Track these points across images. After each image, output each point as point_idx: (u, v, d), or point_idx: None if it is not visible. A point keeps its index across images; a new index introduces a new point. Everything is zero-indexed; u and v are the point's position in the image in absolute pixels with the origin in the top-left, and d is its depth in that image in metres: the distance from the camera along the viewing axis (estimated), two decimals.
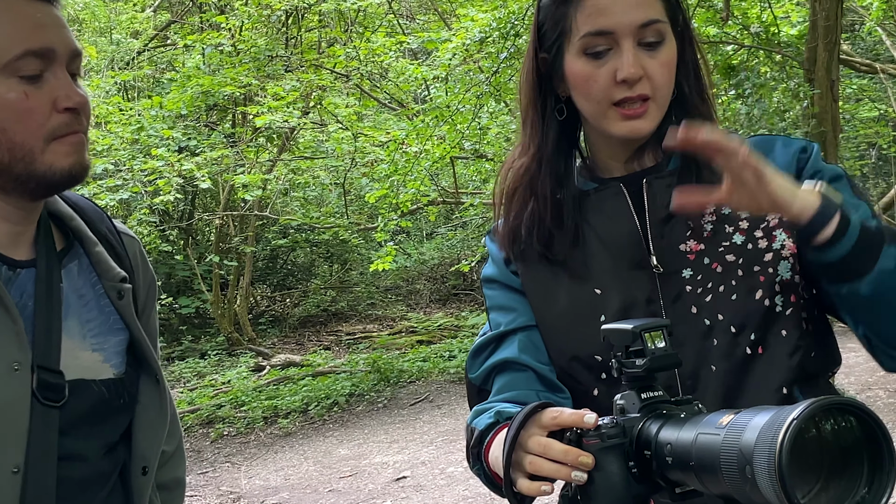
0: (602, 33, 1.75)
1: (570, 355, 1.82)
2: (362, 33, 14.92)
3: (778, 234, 1.76)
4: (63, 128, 1.67)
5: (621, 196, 1.83)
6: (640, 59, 1.73)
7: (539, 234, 1.87)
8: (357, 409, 11.47)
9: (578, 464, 1.43)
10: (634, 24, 1.73)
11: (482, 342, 1.91)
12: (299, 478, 8.93)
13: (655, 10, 1.74)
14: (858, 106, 15.97)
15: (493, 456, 1.67)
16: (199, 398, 12.32)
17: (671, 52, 1.77)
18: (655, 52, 1.75)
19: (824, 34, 9.29)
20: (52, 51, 1.66)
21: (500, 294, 1.94)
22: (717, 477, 1.25)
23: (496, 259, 1.96)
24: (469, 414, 1.85)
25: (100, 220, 1.89)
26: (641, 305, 1.77)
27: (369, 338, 16.50)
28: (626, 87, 1.74)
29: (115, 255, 1.87)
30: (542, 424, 1.48)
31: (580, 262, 1.84)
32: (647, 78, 1.74)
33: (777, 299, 1.73)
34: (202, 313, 17.14)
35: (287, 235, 18.19)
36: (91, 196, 12.00)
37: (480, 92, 10.87)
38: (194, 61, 14.32)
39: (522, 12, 10.32)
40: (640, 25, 1.73)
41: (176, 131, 13.52)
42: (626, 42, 1.73)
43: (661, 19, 1.75)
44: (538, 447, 1.47)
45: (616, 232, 1.82)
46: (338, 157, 14.72)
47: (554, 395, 1.83)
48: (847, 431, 1.22)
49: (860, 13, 14.25)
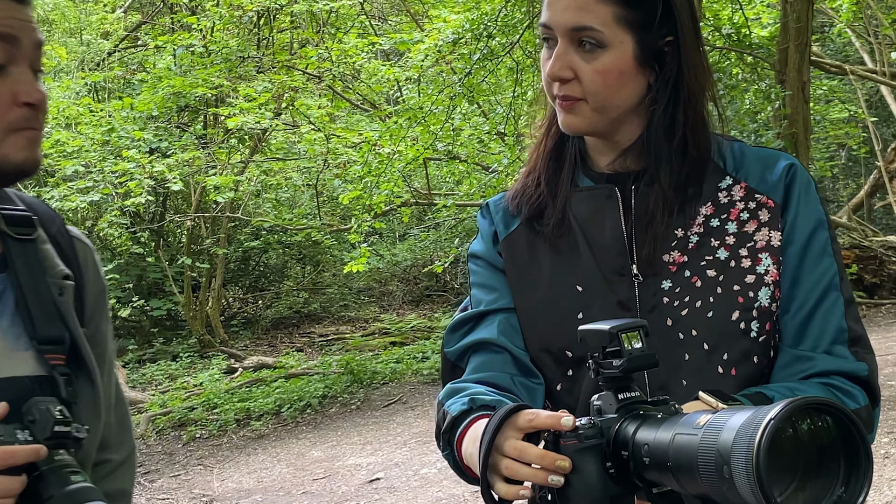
0: (545, 26, 1.77)
1: (542, 346, 1.83)
2: (334, 34, 14.89)
3: (763, 257, 1.76)
4: (21, 121, 1.66)
5: (613, 199, 1.83)
6: (571, 61, 1.74)
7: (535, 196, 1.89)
8: (330, 410, 11.43)
9: (555, 468, 1.42)
10: (566, 25, 1.73)
11: (462, 318, 1.91)
12: (272, 480, 8.89)
13: (593, 18, 1.72)
14: (828, 107, 16.08)
15: (466, 452, 1.65)
16: (171, 400, 12.25)
17: (613, 59, 1.74)
18: (591, 57, 1.73)
19: (795, 36, 9.36)
20: (16, 38, 1.65)
21: (483, 272, 1.94)
22: (695, 477, 1.25)
23: (485, 235, 1.96)
24: (442, 390, 1.83)
25: (51, 222, 1.88)
26: (617, 312, 1.76)
27: (342, 339, 16.46)
28: (558, 84, 1.76)
29: (64, 257, 1.85)
30: (517, 427, 1.47)
31: (565, 252, 1.85)
32: (578, 81, 1.74)
33: (753, 324, 1.74)
34: (174, 315, 17.05)
35: (259, 237, 18.12)
36: (62, 198, 11.93)
37: (454, 93, 10.88)
38: (165, 62, 14.23)
39: (495, 13, 10.33)
40: (572, 29, 1.73)
41: (147, 133, 13.45)
42: (561, 41, 1.75)
43: (597, 28, 1.72)
44: (514, 451, 1.46)
45: (603, 235, 1.82)
46: (310, 158, 14.69)
47: (528, 379, 1.83)
48: (823, 431, 1.22)
49: (830, 15, 14.36)
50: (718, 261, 1.76)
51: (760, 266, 1.75)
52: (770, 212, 1.78)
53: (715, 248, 1.77)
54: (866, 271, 12.71)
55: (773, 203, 1.78)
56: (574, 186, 1.88)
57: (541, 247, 1.88)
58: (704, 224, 1.79)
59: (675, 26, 1.77)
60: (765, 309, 1.74)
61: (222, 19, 13.54)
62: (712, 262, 1.76)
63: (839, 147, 17.91)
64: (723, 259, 1.76)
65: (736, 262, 1.76)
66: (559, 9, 1.74)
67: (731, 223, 1.79)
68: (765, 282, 1.74)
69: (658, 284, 1.77)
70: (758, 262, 1.75)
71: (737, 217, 1.79)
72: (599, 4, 1.72)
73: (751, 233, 1.78)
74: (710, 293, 1.74)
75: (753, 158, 1.84)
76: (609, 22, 1.72)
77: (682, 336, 1.74)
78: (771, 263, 1.75)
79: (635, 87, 1.78)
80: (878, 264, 12.97)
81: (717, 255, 1.77)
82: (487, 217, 1.97)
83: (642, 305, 1.77)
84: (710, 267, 1.76)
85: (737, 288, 1.74)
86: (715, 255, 1.77)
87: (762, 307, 1.74)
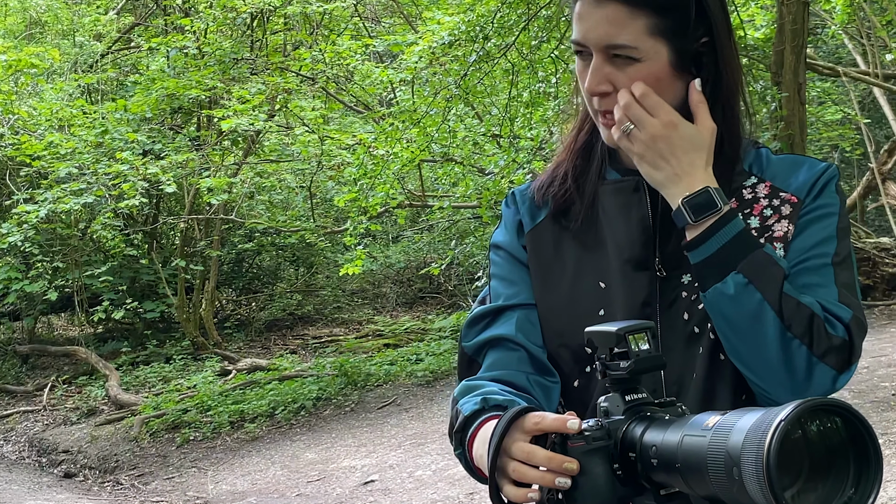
0: (577, 43, 1.75)
1: (561, 341, 1.83)
2: (328, 36, 14.88)
3: (778, 247, 1.75)
4: None
5: (640, 192, 1.81)
6: (609, 75, 1.72)
7: (562, 191, 1.89)
8: (324, 413, 11.43)
9: (563, 470, 1.42)
10: (599, 43, 1.71)
11: (480, 312, 1.89)
12: (266, 482, 8.88)
13: (626, 34, 1.69)
14: (822, 109, 16.10)
15: (477, 453, 1.65)
16: (165, 403, 12.24)
17: (649, 69, 1.71)
18: (628, 68, 1.71)
19: (791, 37, 9.36)
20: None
21: (505, 264, 1.92)
22: (704, 478, 1.25)
23: (509, 225, 1.95)
24: (458, 386, 1.82)
25: None
26: (637, 308, 1.76)
27: (336, 341, 16.44)
28: (598, 98, 1.75)
29: None
30: (525, 430, 1.47)
31: (590, 248, 1.85)
32: (607, 98, 1.74)
33: None
34: (167, 318, 17.03)
35: (253, 239, 18.10)
36: (55, 200, 11.91)
37: (449, 95, 10.87)
38: (159, 64, 14.22)
39: (491, 15, 10.33)
40: (605, 46, 1.71)
41: (140, 134, 13.43)
42: (596, 56, 1.73)
43: (630, 45, 1.69)
44: (522, 454, 1.46)
45: (628, 229, 1.81)
46: (304, 160, 14.68)
47: (544, 377, 1.82)
48: (833, 432, 1.22)
49: (823, 17, 14.38)
50: None
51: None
52: (792, 206, 1.77)
53: None
54: (859, 273, 12.70)
55: (796, 199, 1.78)
56: (602, 180, 1.87)
57: (567, 242, 1.87)
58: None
59: (710, 26, 1.75)
60: None
61: (216, 21, 13.52)
62: None
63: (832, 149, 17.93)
64: None
65: None
66: (591, 25, 1.71)
67: (754, 218, 1.78)
68: None
69: (679, 279, 1.77)
70: (772, 249, 1.73)
71: (760, 213, 1.78)
72: (632, 17, 1.69)
73: (770, 224, 1.77)
74: None
75: (780, 162, 1.84)
76: (642, 35, 1.69)
77: (698, 329, 1.74)
78: (783, 254, 1.74)
79: (674, 93, 1.76)
80: (871, 266, 12.98)
81: None
82: (513, 206, 1.96)
83: (662, 301, 1.77)
84: None
85: None
86: None
87: None
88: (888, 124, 15.05)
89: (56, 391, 14.20)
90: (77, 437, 11.87)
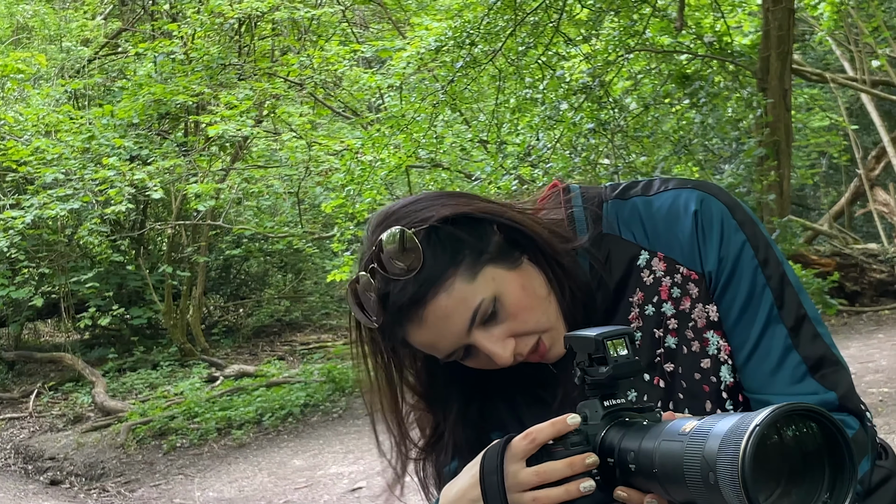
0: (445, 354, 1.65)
1: None
2: (316, 42, 14.88)
3: (710, 336, 1.65)
4: None
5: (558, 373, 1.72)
6: (499, 342, 1.60)
7: None
8: (312, 419, 11.40)
9: (586, 467, 1.39)
10: (459, 342, 1.61)
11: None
12: (254, 489, 8.86)
13: (464, 311, 1.57)
14: (809, 115, 16.17)
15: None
16: (152, 409, 12.19)
17: (507, 297, 1.59)
18: (497, 320, 1.60)
19: (777, 44, 9.41)
20: None
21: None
22: (681, 484, 1.25)
23: None
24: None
25: None
26: None
27: (324, 347, 16.40)
28: (520, 356, 1.63)
29: None
30: (520, 456, 1.43)
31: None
32: (518, 339, 1.61)
33: (727, 404, 1.64)
34: (154, 324, 16.96)
35: (240, 245, 18.06)
36: (41, 205, 11.88)
37: (436, 101, 10.89)
38: (146, 69, 14.19)
39: (478, 22, 10.35)
40: (466, 333, 1.59)
41: (127, 140, 13.41)
42: (474, 345, 1.61)
43: (475, 305, 1.57)
44: (535, 478, 1.41)
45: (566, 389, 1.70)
46: (292, 165, 14.67)
47: None
48: (808, 437, 1.22)
49: (810, 23, 14.45)
50: (671, 350, 1.65)
51: (710, 346, 1.64)
52: (696, 284, 1.65)
53: (662, 339, 1.66)
54: (847, 279, 12.74)
55: (696, 275, 1.65)
56: None
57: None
58: (640, 315, 1.68)
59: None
60: (732, 385, 1.64)
61: (203, 26, 13.52)
62: (665, 355, 1.65)
63: (820, 155, 18.01)
64: (674, 347, 1.65)
65: (686, 347, 1.65)
66: (438, 340, 1.61)
67: (666, 304, 1.66)
68: (721, 359, 1.64)
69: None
70: (705, 343, 1.64)
71: (668, 296, 1.66)
72: (454, 290, 1.56)
73: (687, 311, 1.65)
74: (678, 390, 1.65)
75: (658, 219, 1.67)
76: (468, 295, 1.57)
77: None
78: (719, 339, 1.64)
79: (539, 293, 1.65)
80: (858, 272, 13.01)
81: (667, 343, 1.66)
82: None
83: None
84: (665, 361, 1.65)
85: (698, 377, 1.64)
86: (665, 346, 1.66)
87: (728, 385, 1.64)
88: (876, 130, 15.12)
89: (42, 398, 14.14)
90: (63, 443, 11.82)
